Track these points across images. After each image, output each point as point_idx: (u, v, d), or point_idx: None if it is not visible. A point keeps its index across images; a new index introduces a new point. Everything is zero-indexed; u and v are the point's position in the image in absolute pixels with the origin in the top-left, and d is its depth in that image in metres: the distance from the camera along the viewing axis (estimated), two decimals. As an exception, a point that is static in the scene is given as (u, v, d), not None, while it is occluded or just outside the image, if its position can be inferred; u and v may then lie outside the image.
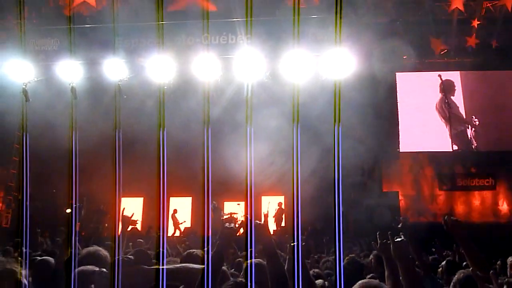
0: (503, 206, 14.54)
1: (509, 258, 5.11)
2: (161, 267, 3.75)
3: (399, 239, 3.04)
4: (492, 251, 6.61)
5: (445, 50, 14.84)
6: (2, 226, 14.92)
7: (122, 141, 11.91)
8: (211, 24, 12.69)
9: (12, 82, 12.71)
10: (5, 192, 15.50)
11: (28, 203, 14.45)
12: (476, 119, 14.80)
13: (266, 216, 11.95)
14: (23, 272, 2.54)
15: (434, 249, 8.65)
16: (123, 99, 12.47)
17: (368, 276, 4.24)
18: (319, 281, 3.76)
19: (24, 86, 12.56)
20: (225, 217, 13.59)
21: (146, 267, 3.83)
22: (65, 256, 3.84)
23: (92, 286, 3.50)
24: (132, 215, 4.93)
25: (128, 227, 4.89)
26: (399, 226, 4.40)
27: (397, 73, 14.94)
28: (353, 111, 11.51)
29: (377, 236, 4.20)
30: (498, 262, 6.21)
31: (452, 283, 2.86)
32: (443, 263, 5.59)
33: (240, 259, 5.83)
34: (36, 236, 6.91)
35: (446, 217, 3.38)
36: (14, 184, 15.44)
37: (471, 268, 4.54)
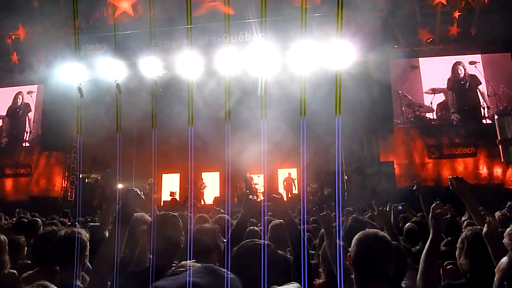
0: (483, 171, 14.07)
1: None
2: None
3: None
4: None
5: (431, 39, 14.41)
6: (68, 199, 15.17)
7: (159, 127, 11.87)
8: (230, 25, 12.42)
9: (69, 82, 12.74)
10: (69, 172, 15.72)
11: (83, 181, 14.61)
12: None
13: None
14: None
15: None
16: (159, 92, 12.35)
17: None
18: None
19: (78, 85, 12.56)
20: (256, 186, 13.38)
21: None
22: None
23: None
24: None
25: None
26: (414, 188, 4.41)
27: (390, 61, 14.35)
28: (353, 95, 11.13)
29: (373, 204, 4.13)
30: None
31: (460, 239, 2.73)
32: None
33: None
34: (89, 207, 6.93)
35: (451, 177, 3.26)
36: (75, 165, 15.64)
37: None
